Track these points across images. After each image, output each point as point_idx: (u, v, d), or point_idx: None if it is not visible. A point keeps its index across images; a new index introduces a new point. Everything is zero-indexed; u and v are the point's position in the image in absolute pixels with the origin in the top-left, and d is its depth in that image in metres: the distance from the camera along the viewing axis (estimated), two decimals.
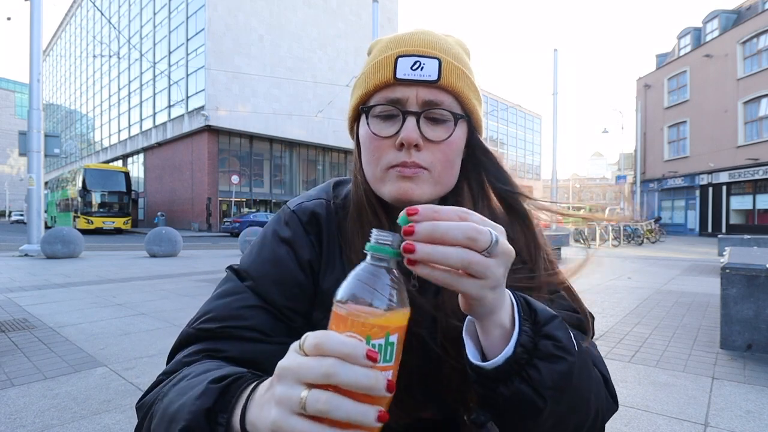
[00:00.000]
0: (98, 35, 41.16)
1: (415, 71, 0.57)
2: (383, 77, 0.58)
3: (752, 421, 1.80)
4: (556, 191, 17.43)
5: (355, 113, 0.65)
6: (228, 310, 0.59)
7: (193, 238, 19.45)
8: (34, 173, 8.61)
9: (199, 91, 26.59)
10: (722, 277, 2.85)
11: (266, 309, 0.60)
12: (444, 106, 0.58)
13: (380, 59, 0.60)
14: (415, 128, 0.56)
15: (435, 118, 0.58)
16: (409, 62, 0.57)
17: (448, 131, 0.59)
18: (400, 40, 0.61)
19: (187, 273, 6.46)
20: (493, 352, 0.44)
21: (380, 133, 0.58)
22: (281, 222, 0.66)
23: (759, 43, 20.20)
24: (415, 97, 0.57)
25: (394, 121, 0.58)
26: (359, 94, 0.62)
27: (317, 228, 0.66)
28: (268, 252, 0.64)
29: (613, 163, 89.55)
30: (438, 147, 0.58)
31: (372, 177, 0.61)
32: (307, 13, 30.31)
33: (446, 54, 0.59)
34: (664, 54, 29.05)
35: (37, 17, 8.60)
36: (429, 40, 0.60)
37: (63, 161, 50.92)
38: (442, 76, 0.57)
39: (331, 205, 0.68)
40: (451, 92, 0.59)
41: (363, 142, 0.62)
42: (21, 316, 3.51)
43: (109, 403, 1.90)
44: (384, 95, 0.58)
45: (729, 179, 21.37)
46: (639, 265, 8.14)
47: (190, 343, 0.59)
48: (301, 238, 0.64)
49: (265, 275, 0.62)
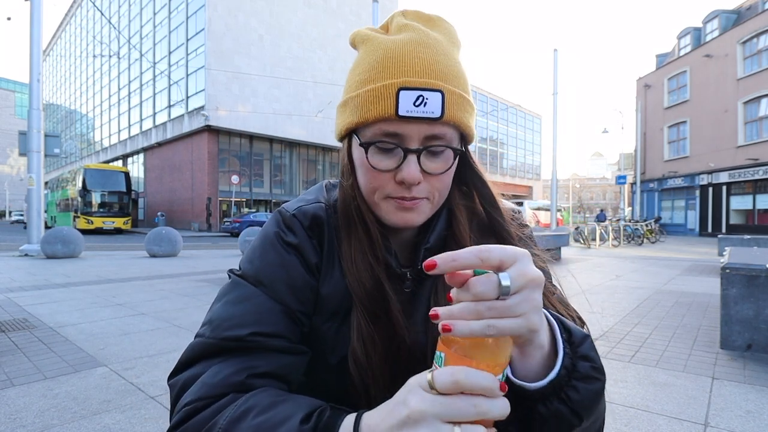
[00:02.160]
0: (98, 35, 41.16)
1: (418, 107, 0.54)
2: (384, 111, 0.55)
3: (752, 421, 1.80)
4: (556, 191, 17.42)
5: (347, 132, 0.62)
6: (251, 315, 0.56)
7: (193, 238, 19.45)
8: (34, 173, 8.61)
9: (199, 91, 26.59)
10: (722, 277, 2.85)
11: (286, 312, 0.59)
12: (445, 140, 0.57)
13: (379, 87, 0.55)
14: (416, 167, 0.55)
15: (435, 152, 0.57)
16: (412, 97, 0.54)
17: (448, 164, 0.58)
18: (399, 61, 0.56)
19: (187, 273, 6.46)
20: (531, 371, 0.44)
21: (379, 166, 0.57)
22: (282, 226, 0.64)
23: (759, 43, 20.19)
24: (417, 133, 0.55)
25: (394, 155, 0.57)
26: (355, 120, 0.58)
27: (319, 232, 0.65)
28: (274, 257, 0.62)
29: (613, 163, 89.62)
30: (437, 178, 0.58)
31: (369, 199, 0.61)
32: (307, 13, 30.31)
33: (449, 80, 0.56)
34: (664, 54, 29.05)
35: (37, 17, 8.60)
36: (431, 63, 0.56)
37: (63, 161, 50.92)
38: (446, 112, 0.55)
39: (329, 208, 0.67)
40: (453, 126, 0.57)
41: (359, 166, 0.60)
42: (21, 316, 3.51)
43: (109, 403, 1.90)
44: (383, 128, 0.56)
45: (729, 179, 21.37)
46: (639, 265, 8.14)
47: (216, 355, 0.54)
48: (306, 243, 0.63)
49: (277, 279, 0.60)
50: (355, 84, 0.59)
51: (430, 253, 0.64)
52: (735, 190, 21.54)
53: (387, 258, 0.62)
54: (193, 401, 0.49)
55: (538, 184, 60.54)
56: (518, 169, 56.77)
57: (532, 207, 24.21)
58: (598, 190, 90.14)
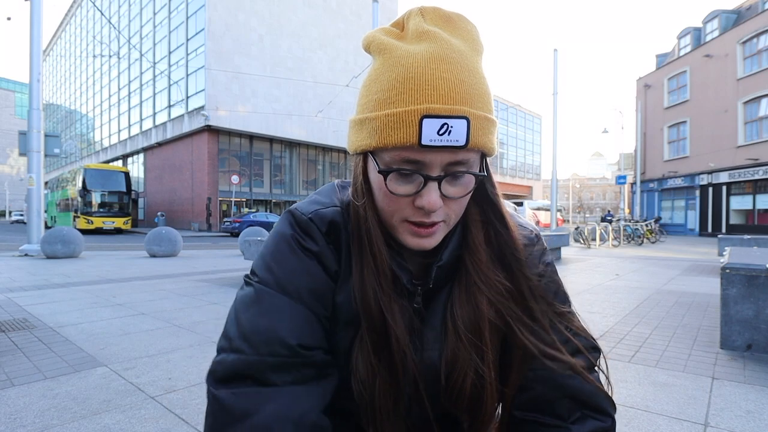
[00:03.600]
0: (98, 35, 41.17)
1: (441, 136, 0.51)
2: (406, 139, 0.51)
3: (752, 421, 1.80)
4: (556, 191, 17.42)
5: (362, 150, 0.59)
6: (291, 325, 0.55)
7: (193, 238, 19.46)
8: (34, 173, 8.61)
9: (199, 91, 26.60)
10: (722, 277, 2.85)
11: (318, 320, 0.58)
12: (468, 166, 0.55)
13: (400, 112, 0.52)
14: (437, 194, 0.54)
15: (455, 177, 0.55)
16: (436, 126, 0.50)
17: (468, 188, 0.57)
18: (423, 82, 0.51)
19: (187, 273, 6.46)
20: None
21: (397, 191, 0.55)
22: (299, 230, 0.61)
23: (759, 43, 20.19)
24: (439, 161, 0.53)
25: (413, 180, 0.55)
26: (373, 144, 0.54)
27: (336, 237, 0.62)
28: (296, 263, 0.59)
29: (613, 163, 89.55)
30: (456, 201, 0.57)
31: (386, 220, 0.59)
32: (307, 13, 30.31)
33: (474, 102, 0.53)
34: (664, 54, 29.04)
35: (37, 17, 8.60)
36: (456, 84, 0.52)
37: (63, 161, 50.92)
38: (471, 139, 0.52)
39: (345, 213, 0.64)
40: (477, 152, 0.56)
41: (376, 188, 0.58)
42: (21, 316, 3.52)
43: (109, 403, 1.90)
44: (404, 155, 0.53)
45: (729, 179, 21.37)
46: (639, 265, 8.14)
47: (263, 372, 0.53)
48: (326, 250, 0.61)
49: (302, 287, 0.58)
50: (373, 103, 0.55)
51: (443, 270, 0.64)
52: (735, 190, 21.54)
53: (398, 273, 0.61)
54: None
55: (538, 184, 60.55)
56: (518, 169, 56.78)
57: (532, 207, 24.25)
58: (598, 190, 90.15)
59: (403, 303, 0.62)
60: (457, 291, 0.63)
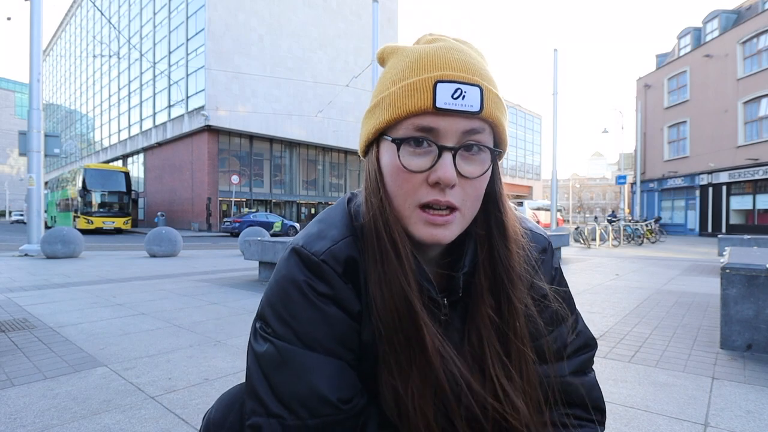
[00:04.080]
0: (98, 35, 41.17)
1: (456, 100, 0.51)
2: (421, 104, 0.51)
3: (752, 421, 1.80)
4: (556, 191, 17.42)
5: (376, 135, 0.57)
6: (328, 380, 0.52)
7: (193, 238, 19.46)
8: (34, 173, 8.61)
9: (199, 91, 26.60)
10: (722, 277, 2.85)
11: (350, 367, 0.56)
12: (482, 139, 0.54)
13: (415, 81, 0.52)
14: (452, 166, 0.52)
15: (469, 151, 0.54)
16: (450, 89, 0.51)
17: (484, 167, 0.54)
18: (435, 58, 0.53)
19: (187, 273, 6.46)
20: None
21: (411, 166, 0.53)
22: (310, 275, 0.56)
23: (759, 43, 20.19)
24: (454, 129, 0.52)
25: (427, 153, 0.53)
26: (386, 118, 0.54)
27: (355, 275, 0.58)
28: (312, 313, 0.55)
29: (613, 163, 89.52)
30: (471, 183, 0.54)
31: (399, 212, 0.56)
32: (307, 13, 30.31)
33: (485, 79, 0.54)
34: (664, 54, 29.04)
35: (37, 17, 8.60)
36: (467, 62, 0.54)
37: (63, 161, 50.92)
38: (485, 107, 0.52)
39: (358, 241, 0.59)
40: (491, 124, 0.54)
41: (389, 172, 0.55)
42: (21, 316, 3.52)
43: (109, 403, 1.90)
44: (417, 123, 0.52)
45: (729, 179, 21.37)
46: (639, 265, 8.14)
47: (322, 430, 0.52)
48: (344, 292, 0.56)
49: (324, 337, 0.54)
50: (386, 86, 0.56)
51: (468, 276, 0.60)
52: (735, 190, 21.54)
53: (423, 283, 0.57)
54: None
55: (538, 184, 60.55)
56: (518, 169, 56.77)
57: (532, 207, 24.25)
58: (598, 190, 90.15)
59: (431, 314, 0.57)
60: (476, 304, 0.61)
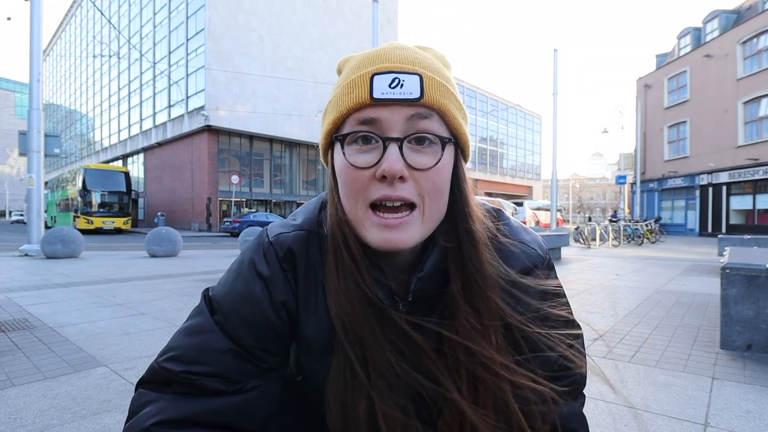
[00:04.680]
0: (98, 35, 41.15)
1: (394, 89, 0.50)
2: (358, 98, 0.51)
3: (752, 421, 1.80)
4: (556, 191, 17.42)
5: (328, 140, 0.57)
6: (194, 351, 0.56)
7: (193, 238, 19.45)
8: (34, 173, 8.61)
9: (199, 91, 26.59)
10: (722, 277, 2.85)
11: (234, 351, 0.56)
12: (429, 126, 0.52)
13: (353, 78, 0.53)
14: (398, 157, 0.50)
15: (420, 144, 0.52)
16: (387, 80, 0.50)
17: (436, 157, 0.52)
18: (375, 56, 0.54)
19: (187, 273, 6.46)
20: None
21: (357, 163, 0.51)
22: (260, 252, 0.60)
23: (759, 43, 20.19)
24: (397, 119, 0.51)
25: (373, 149, 0.51)
26: (331, 119, 0.55)
27: (292, 266, 0.59)
28: (242, 285, 0.58)
29: (613, 163, 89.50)
30: (425, 175, 0.51)
31: (352, 215, 0.54)
32: (307, 13, 30.30)
33: (427, 69, 0.53)
34: (664, 54, 29.04)
35: (37, 17, 8.60)
36: (406, 55, 0.53)
37: (63, 161, 50.91)
38: (425, 93, 0.51)
39: (314, 236, 0.61)
40: (436, 110, 0.52)
41: (339, 173, 0.54)
42: (21, 316, 3.51)
43: (109, 403, 1.90)
44: (359, 117, 0.52)
45: (729, 179, 21.36)
46: (639, 265, 8.14)
47: (156, 385, 0.57)
48: (278, 276, 0.58)
49: (236, 311, 0.57)
50: (336, 89, 0.58)
51: (423, 282, 0.58)
52: (735, 190, 21.53)
53: (376, 289, 0.56)
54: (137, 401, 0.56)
55: (538, 184, 60.52)
56: (518, 169, 56.75)
57: (532, 207, 24.23)
58: (598, 190, 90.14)
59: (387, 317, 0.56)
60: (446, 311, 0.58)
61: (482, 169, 49.22)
